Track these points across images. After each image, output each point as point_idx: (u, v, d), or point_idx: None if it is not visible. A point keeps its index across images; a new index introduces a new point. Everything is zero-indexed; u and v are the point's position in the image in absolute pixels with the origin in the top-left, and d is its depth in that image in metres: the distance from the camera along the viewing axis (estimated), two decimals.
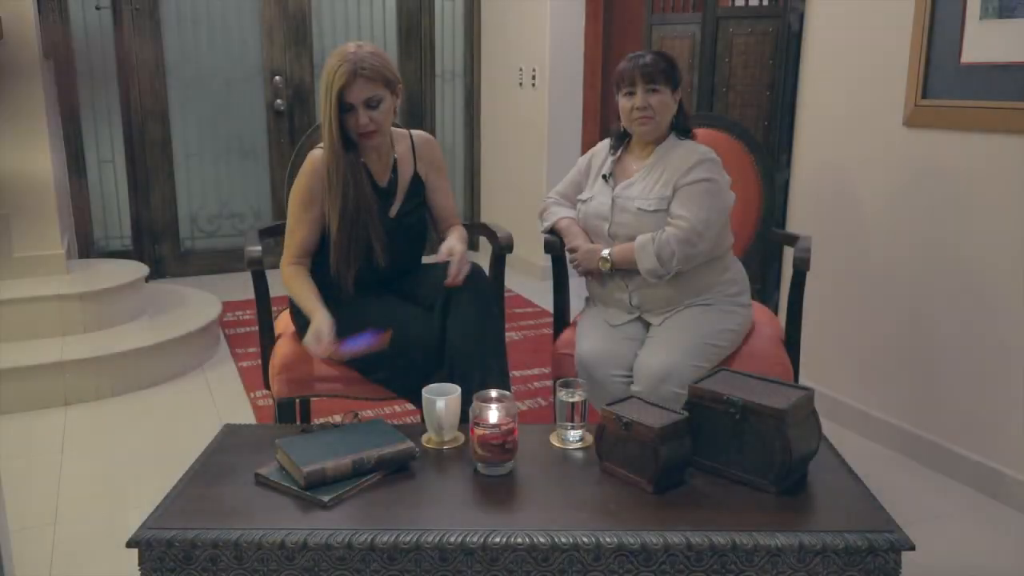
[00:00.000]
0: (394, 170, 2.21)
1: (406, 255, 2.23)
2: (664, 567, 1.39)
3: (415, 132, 2.31)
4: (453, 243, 2.15)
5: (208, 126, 4.91)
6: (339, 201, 2.07)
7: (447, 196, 2.34)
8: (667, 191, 2.12)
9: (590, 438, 1.73)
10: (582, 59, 4.67)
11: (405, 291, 2.18)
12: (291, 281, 2.14)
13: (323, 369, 2.13)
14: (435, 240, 2.29)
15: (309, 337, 2.02)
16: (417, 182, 2.25)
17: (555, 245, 2.35)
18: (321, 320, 2.03)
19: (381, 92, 2.04)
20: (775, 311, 3.02)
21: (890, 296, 2.70)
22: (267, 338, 2.32)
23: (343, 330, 2.07)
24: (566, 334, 2.34)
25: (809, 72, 2.91)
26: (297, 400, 2.22)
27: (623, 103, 2.17)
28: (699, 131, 2.34)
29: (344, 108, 2.02)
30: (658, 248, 2.08)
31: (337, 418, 1.89)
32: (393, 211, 2.19)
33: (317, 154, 2.11)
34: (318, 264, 2.17)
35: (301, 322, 2.18)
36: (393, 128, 2.22)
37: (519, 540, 1.39)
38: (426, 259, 2.29)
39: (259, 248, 2.24)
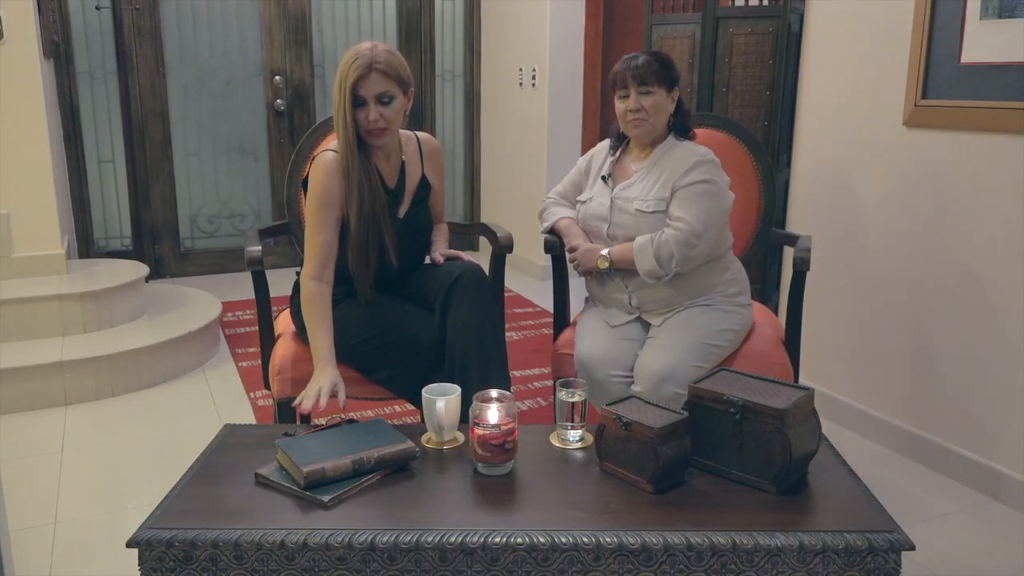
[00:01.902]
0: (402, 172, 2.20)
1: (413, 256, 2.23)
2: (664, 567, 1.39)
3: (420, 135, 2.30)
4: (444, 249, 2.24)
5: (208, 126, 4.91)
6: (356, 200, 2.05)
7: (442, 200, 2.37)
8: (665, 192, 2.12)
9: (590, 438, 1.73)
10: (582, 59, 4.67)
11: (405, 291, 2.18)
12: (311, 305, 2.05)
13: None
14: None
15: (309, 392, 1.94)
16: (425, 185, 2.25)
17: (555, 245, 2.35)
18: (327, 378, 1.97)
19: (394, 89, 2.03)
20: (775, 311, 3.02)
21: (890, 296, 2.70)
22: (267, 338, 2.32)
23: (345, 329, 2.07)
24: (566, 334, 2.35)
25: (809, 72, 2.91)
26: None
27: (618, 105, 2.17)
28: (699, 131, 2.35)
29: (356, 102, 2.01)
30: (657, 250, 2.08)
31: (322, 421, 1.88)
32: (401, 212, 2.18)
33: (328, 156, 2.07)
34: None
35: (301, 323, 2.18)
36: (400, 131, 2.22)
37: (519, 540, 1.39)
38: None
39: (259, 248, 2.24)
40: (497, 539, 1.39)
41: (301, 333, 2.19)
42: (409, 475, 1.62)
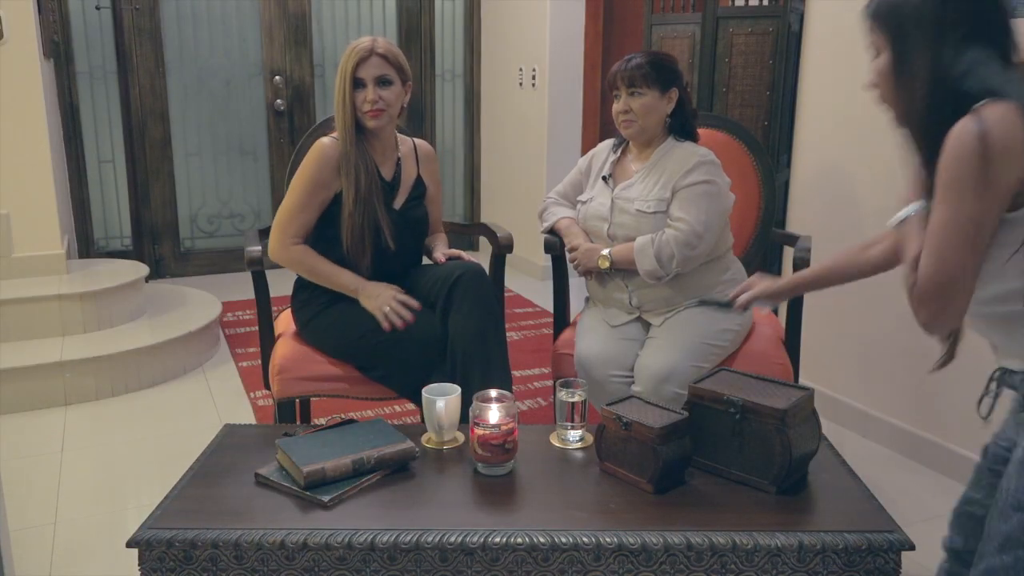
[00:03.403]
0: (398, 167, 2.23)
1: (410, 248, 2.25)
2: (664, 567, 1.39)
3: (417, 140, 2.34)
4: (446, 250, 2.28)
5: (208, 126, 4.91)
6: (353, 182, 2.08)
7: (440, 207, 2.41)
8: (666, 193, 2.12)
9: (590, 438, 1.73)
10: (582, 59, 4.67)
11: (406, 289, 2.19)
12: (306, 257, 2.14)
13: (323, 369, 2.14)
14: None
15: (390, 304, 2.06)
16: (420, 184, 2.28)
17: (555, 245, 2.35)
18: (384, 288, 2.09)
19: (392, 75, 2.10)
20: (775, 311, 3.02)
21: (890, 296, 2.70)
22: (267, 338, 2.32)
23: (346, 326, 2.08)
24: (566, 334, 2.35)
25: (809, 72, 2.91)
26: (297, 400, 2.22)
27: (613, 106, 2.19)
28: (699, 131, 2.34)
29: (356, 84, 2.07)
30: (657, 250, 2.08)
31: (322, 421, 1.89)
32: (397, 204, 2.21)
33: (326, 141, 2.12)
34: (327, 254, 2.17)
35: (302, 318, 2.18)
36: (397, 133, 2.26)
37: (519, 540, 1.39)
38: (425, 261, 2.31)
39: (259, 248, 2.24)
40: (497, 539, 1.39)
41: (303, 332, 2.20)
42: (409, 475, 1.62)
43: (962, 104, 1.10)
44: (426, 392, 1.74)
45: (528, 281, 4.87)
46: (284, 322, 2.36)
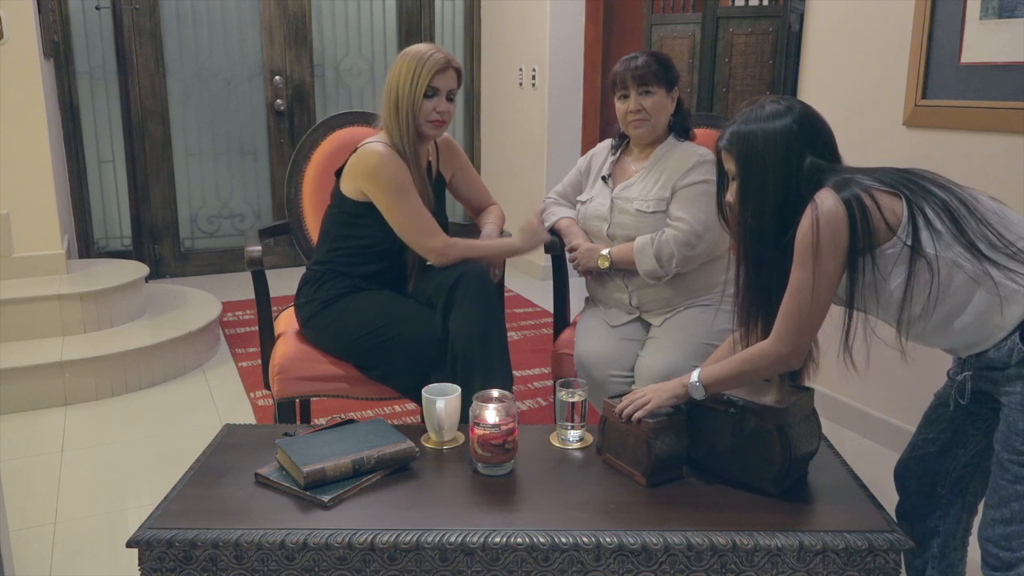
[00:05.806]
0: (428, 168, 2.24)
1: None
2: (664, 567, 1.39)
3: None
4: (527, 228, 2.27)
5: (208, 126, 4.91)
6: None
7: (480, 184, 2.46)
8: (665, 193, 2.12)
9: (590, 438, 1.74)
10: (582, 59, 4.67)
11: (407, 289, 2.19)
12: (461, 243, 2.13)
13: (323, 369, 2.14)
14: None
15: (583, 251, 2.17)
16: (440, 182, 2.29)
17: (555, 245, 2.35)
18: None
19: (457, 89, 2.14)
20: None
21: None
22: (267, 338, 2.32)
23: (348, 323, 2.08)
24: (566, 334, 2.35)
25: (809, 72, 2.91)
26: (297, 400, 2.22)
27: (618, 106, 2.17)
28: (699, 131, 2.35)
29: (427, 93, 2.07)
30: (657, 250, 2.08)
31: (322, 421, 1.89)
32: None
33: (384, 147, 2.08)
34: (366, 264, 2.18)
35: (304, 315, 2.18)
36: None
37: (519, 540, 1.39)
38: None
39: (259, 248, 2.24)
40: (497, 539, 1.39)
41: (305, 328, 2.20)
42: (409, 475, 1.62)
43: (804, 200, 1.44)
44: (426, 392, 1.74)
45: (528, 281, 4.88)
46: (284, 322, 2.36)
